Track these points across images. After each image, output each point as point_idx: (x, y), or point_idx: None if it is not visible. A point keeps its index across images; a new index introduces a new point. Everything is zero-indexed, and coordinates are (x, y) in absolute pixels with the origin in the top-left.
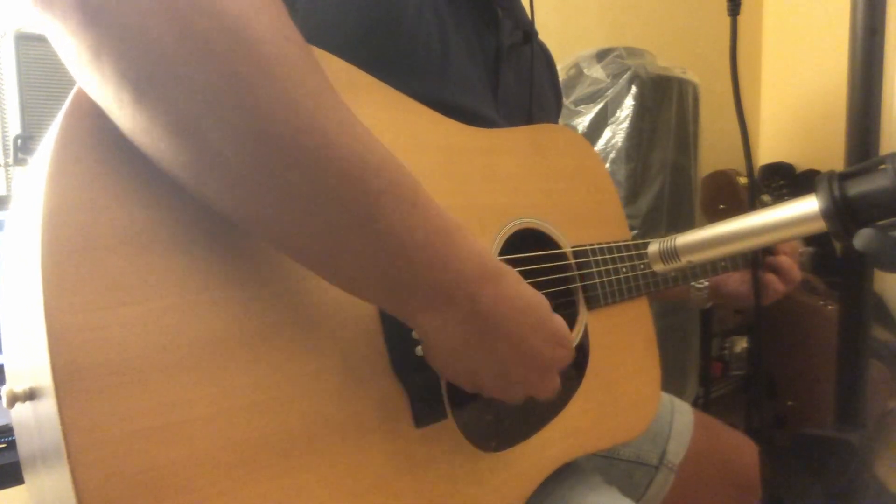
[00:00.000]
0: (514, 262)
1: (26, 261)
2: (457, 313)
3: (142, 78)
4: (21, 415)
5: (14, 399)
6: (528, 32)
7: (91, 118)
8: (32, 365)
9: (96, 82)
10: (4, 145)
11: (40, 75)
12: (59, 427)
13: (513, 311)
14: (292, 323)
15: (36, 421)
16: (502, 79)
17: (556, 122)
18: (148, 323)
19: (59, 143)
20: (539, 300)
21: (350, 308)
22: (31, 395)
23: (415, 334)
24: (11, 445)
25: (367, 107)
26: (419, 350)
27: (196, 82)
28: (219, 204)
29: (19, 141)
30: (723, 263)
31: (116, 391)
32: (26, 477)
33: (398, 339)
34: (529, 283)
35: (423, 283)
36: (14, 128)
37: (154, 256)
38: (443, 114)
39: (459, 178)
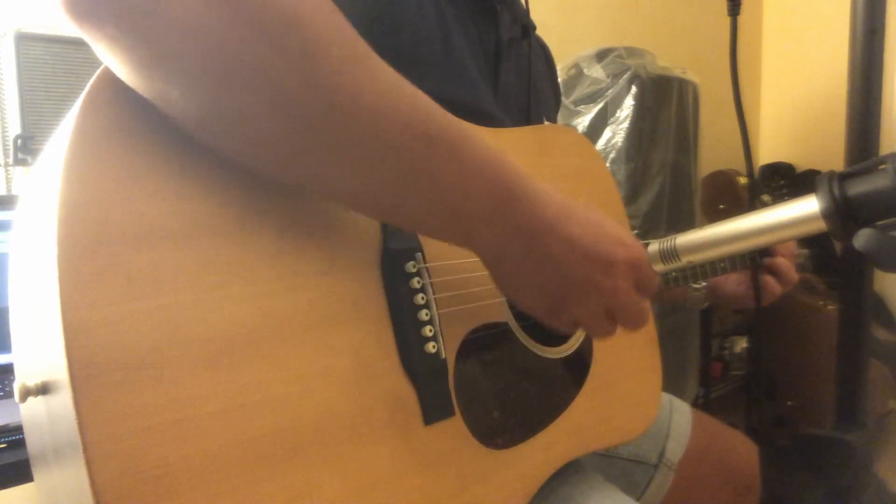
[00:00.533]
0: None
1: (41, 255)
2: (512, 222)
3: (216, 74)
4: (32, 410)
5: (27, 393)
6: (526, 27)
7: (108, 113)
8: (47, 360)
9: (160, 83)
10: (4, 145)
11: (40, 75)
12: (76, 421)
13: (561, 211)
14: (304, 320)
15: (48, 415)
16: (502, 74)
17: (554, 117)
18: (162, 318)
19: (76, 137)
20: (580, 205)
21: (361, 305)
22: (44, 390)
23: (482, 263)
24: (11, 445)
25: None
26: (430, 347)
27: (270, 74)
28: (290, 175)
29: (19, 141)
30: (721, 265)
31: (132, 386)
32: (35, 473)
33: (408, 336)
34: None
35: (481, 204)
36: (14, 128)
37: (169, 251)
38: (446, 111)
39: None
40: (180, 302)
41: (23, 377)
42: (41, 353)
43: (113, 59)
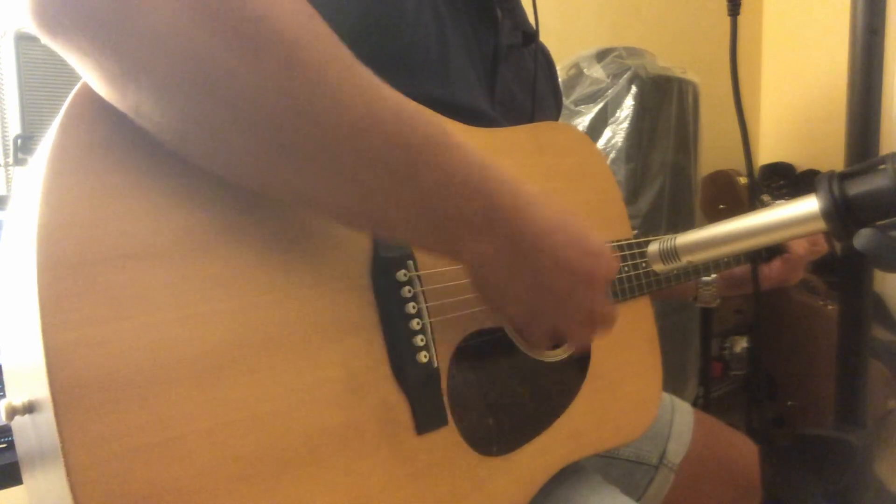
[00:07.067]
0: None
1: (22, 276)
2: (498, 235)
3: (189, 87)
4: (20, 421)
5: (13, 412)
6: (528, 34)
7: (86, 131)
8: (31, 379)
9: (132, 95)
10: (4, 145)
11: (40, 75)
12: (59, 445)
13: (547, 222)
14: (293, 333)
15: (35, 432)
16: (500, 79)
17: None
18: (146, 337)
19: (54, 157)
20: (567, 217)
21: (352, 316)
22: (29, 409)
23: (465, 272)
24: (11, 445)
25: None
26: (422, 357)
27: (245, 86)
28: (268, 188)
29: (19, 141)
30: (725, 259)
31: (115, 407)
32: (25, 479)
33: (399, 346)
34: None
35: (465, 215)
36: (14, 128)
37: (153, 269)
38: (441, 113)
39: None
40: (165, 320)
41: (9, 385)
42: (26, 371)
43: (85, 72)
